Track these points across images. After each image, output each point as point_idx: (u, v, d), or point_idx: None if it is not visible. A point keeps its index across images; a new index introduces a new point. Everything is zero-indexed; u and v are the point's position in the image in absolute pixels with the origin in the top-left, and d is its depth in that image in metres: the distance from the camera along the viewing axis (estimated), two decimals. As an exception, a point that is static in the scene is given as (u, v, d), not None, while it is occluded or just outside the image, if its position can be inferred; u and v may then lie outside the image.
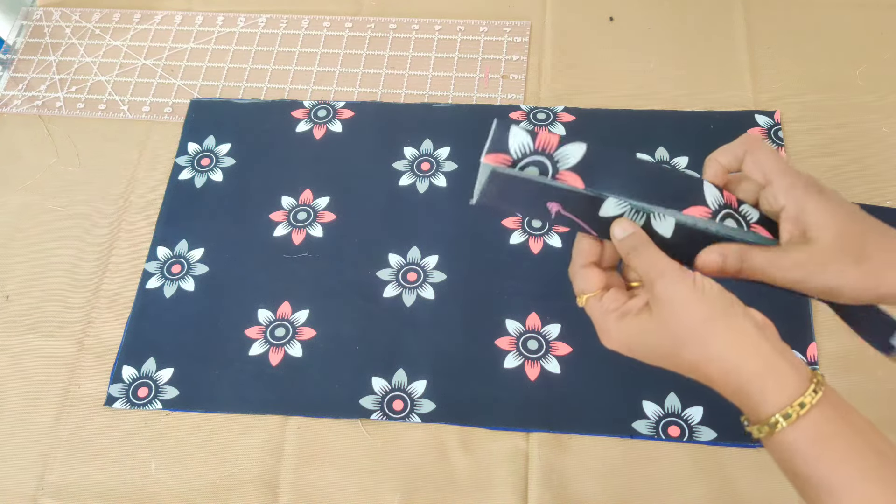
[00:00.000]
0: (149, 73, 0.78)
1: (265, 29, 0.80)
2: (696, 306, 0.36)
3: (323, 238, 0.66)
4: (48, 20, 0.83)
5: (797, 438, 0.34)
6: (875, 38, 0.73)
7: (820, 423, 0.34)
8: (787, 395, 0.35)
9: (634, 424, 0.56)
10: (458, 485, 0.56)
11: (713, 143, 0.67)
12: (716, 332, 0.36)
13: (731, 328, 0.36)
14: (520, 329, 0.61)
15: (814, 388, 0.35)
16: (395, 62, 0.77)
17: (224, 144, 0.72)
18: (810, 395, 0.34)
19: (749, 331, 0.36)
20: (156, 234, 0.68)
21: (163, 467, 0.58)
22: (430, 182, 0.68)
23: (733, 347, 0.36)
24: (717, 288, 0.37)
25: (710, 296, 0.36)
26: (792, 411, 0.34)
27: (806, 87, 0.71)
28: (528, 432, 0.57)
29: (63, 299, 0.65)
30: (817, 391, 0.35)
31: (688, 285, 0.36)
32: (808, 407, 0.34)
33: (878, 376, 0.57)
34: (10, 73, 0.79)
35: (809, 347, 0.58)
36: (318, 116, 0.73)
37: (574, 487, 0.55)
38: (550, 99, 0.73)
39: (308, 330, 0.62)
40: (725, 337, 0.36)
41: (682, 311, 0.36)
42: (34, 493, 0.58)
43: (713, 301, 0.36)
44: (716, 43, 0.75)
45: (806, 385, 0.35)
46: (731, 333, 0.36)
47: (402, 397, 0.59)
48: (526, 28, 0.77)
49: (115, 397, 0.61)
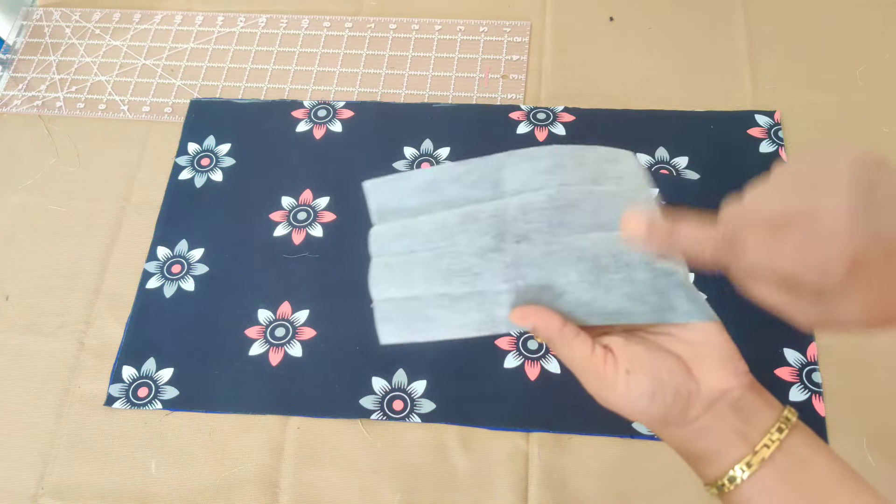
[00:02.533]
0: (149, 73, 0.78)
1: (265, 29, 0.80)
2: (626, 407, 0.36)
3: (323, 238, 0.66)
4: (48, 20, 0.83)
5: (743, 499, 0.35)
6: (875, 38, 0.73)
7: (754, 491, 0.34)
8: (726, 466, 0.35)
9: (634, 424, 0.56)
10: (458, 485, 0.56)
11: (713, 143, 0.68)
12: (653, 428, 0.37)
13: (663, 433, 0.37)
14: (520, 329, 0.61)
15: (747, 462, 0.34)
16: (395, 62, 0.77)
17: (224, 144, 0.72)
18: (741, 468, 0.34)
19: (676, 434, 0.36)
20: (156, 234, 0.68)
21: (163, 467, 0.58)
22: (430, 182, 0.68)
23: (673, 442, 0.37)
24: (644, 384, 0.35)
25: (637, 397, 0.35)
26: (723, 484, 0.35)
27: (806, 87, 0.71)
28: (528, 432, 0.57)
29: (63, 299, 0.66)
30: (750, 465, 0.34)
31: (613, 391, 0.35)
32: (741, 480, 0.34)
33: (878, 376, 0.57)
34: (10, 73, 0.79)
35: (809, 347, 0.58)
36: (318, 116, 0.73)
37: (574, 487, 0.55)
38: (550, 99, 0.73)
39: (308, 330, 0.62)
40: (664, 433, 0.37)
41: (618, 405, 0.36)
42: (34, 493, 0.58)
43: (640, 403, 0.35)
44: (716, 43, 0.75)
45: (748, 450, 0.35)
46: (664, 434, 0.37)
47: (402, 397, 0.59)
48: (526, 28, 0.77)
49: (115, 397, 0.61)
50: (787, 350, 0.58)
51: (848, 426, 0.55)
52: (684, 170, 0.67)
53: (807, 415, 0.56)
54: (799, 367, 0.58)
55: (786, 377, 0.57)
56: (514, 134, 0.70)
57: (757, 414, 0.35)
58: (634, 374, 0.35)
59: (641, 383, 0.35)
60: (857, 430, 0.55)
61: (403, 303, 0.38)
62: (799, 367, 0.58)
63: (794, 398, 0.56)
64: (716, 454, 0.35)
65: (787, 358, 0.58)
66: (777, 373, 0.58)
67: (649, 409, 0.35)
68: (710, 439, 0.35)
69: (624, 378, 0.35)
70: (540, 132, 0.70)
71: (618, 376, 0.35)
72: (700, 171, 0.67)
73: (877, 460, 0.54)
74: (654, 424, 0.37)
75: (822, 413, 0.56)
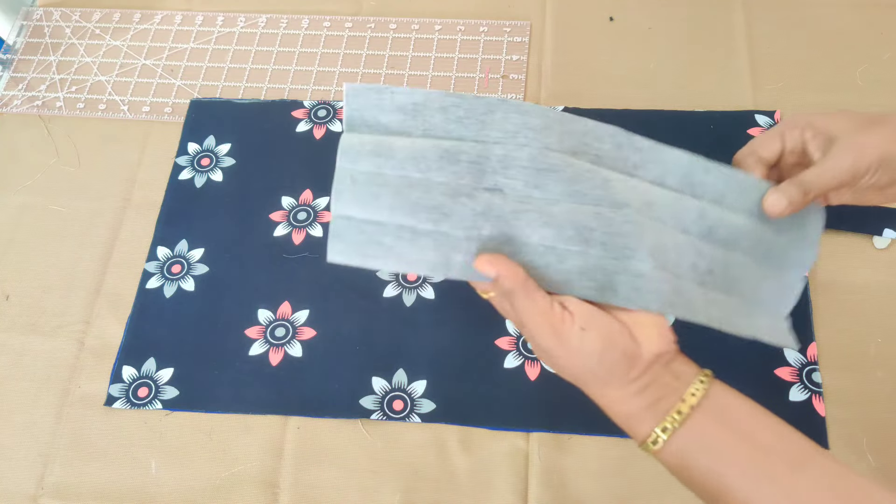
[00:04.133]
0: (149, 73, 0.78)
1: (265, 29, 0.80)
2: (577, 363, 0.39)
3: (323, 238, 0.66)
4: (48, 20, 0.83)
5: (678, 450, 0.38)
6: (875, 38, 0.73)
7: (689, 439, 0.38)
8: (660, 418, 0.39)
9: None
10: (458, 485, 0.56)
11: (713, 143, 0.68)
12: (593, 389, 0.41)
13: (604, 394, 0.40)
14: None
15: (677, 411, 0.38)
16: (395, 62, 0.77)
17: (224, 144, 0.72)
18: (673, 416, 0.38)
19: (616, 395, 0.40)
20: (156, 234, 0.68)
21: (163, 467, 0.58)
22: (430, 182, 0.68)
23: (609, 403, 0.41)
24: (595, 342, 0.38)
25: (588, 354, 0.39)
26: (657, 436, 0.38)
27: (806, 87, 0.71)
28: (528, 432, 0.57)
29: (63, 299, 0.66)
30: (681, 412, 0.38)
31: (567, 346, 0.38)
32: (671, 431, 0.38)
33: (878, 376, 0.57)
34: (10, 73, 0.79)
35: (809, 347, 0.58)
36: (318, 116, 0.73)
37: (574, 487, 0.55)
38: (550, 99, 0.73)
39: (308, 330, 0.62)
40: (601, 395, 0.41)
41: (567, 362, 0.40)
42: (34, 493, 0.58)
43: (590, 361, 0.39)
44: (716, 43, 0.75)
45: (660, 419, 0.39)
46: (605, 396, 0.40)
47: (402, 397, 0.59)
48: (526, 28, 0.77)
49: (115, 397, 0.61)
50: (787, 350, 0.58)
51: (848, 426, 0.55)
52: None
53: (807, 415, 0.56)
54: (799, 367, 0.58)
55: (786, 377, 0.57)
56: (514, 134, 0.70)
57: (685, 372, 0.40)
58: (588, 331, 0.38)
59: (594, 341, 0.38)
60: (857, 430, 0.55)
61: (362, 224, 0.37)
62: (799, 367, 0.58)
63: (794, 398, 0.56)
64: (651, 409, 0.39)
65: (787, 358, 0.58)
66: (777, 373, 0.58)
67: (597, 367, 0.38)
68: (645, 396, 0.39)
69: (578, 334, 0.38)
70: (540, 132, 0.70)
71: (572, 332, 0.38)
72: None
73: (877, 460, 0.54)
74: (596, 385, 0.40)
75: (822, 413, 0.56)
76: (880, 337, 0.59)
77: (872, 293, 0.60)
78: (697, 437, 0.38)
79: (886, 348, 0.58)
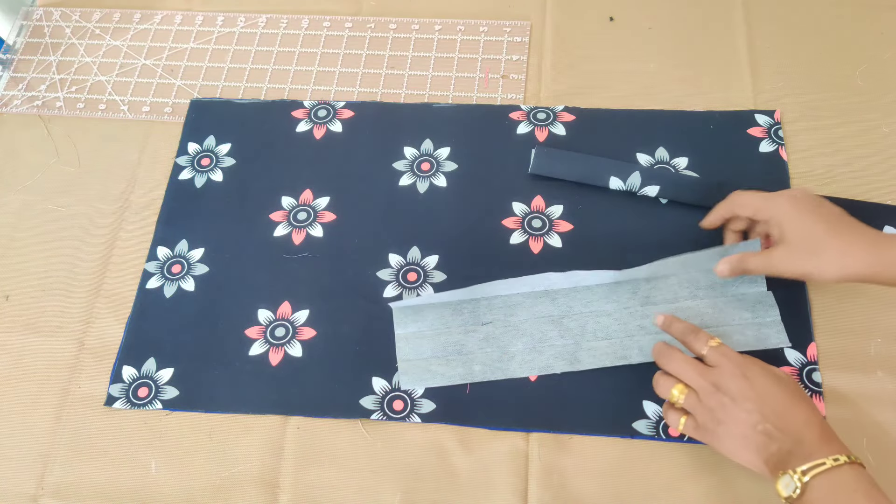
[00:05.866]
0: (149, 73, 0.78)
1: (265, 29, 0.80)
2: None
3: (323, 238, 0.66)
4: (48, 20, 0.83)
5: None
6: (875, 38, 0.73)
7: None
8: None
9: (634, 424, 0.56)
10: (458, 485, 0.56)
11: (713, 143, 0.68)
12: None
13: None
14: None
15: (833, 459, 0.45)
16: (395, 62, 0.77)
17: (224, 144, 0.72)
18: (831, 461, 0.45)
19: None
20: (156, 234, 0.68)
21: (163, 467, 0.58)
22: (430, 182, 0.68)
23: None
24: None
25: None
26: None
27: (806, 87, 0.71)
28: (528, 432, 0.57)
29: (63, 299, 0.66)
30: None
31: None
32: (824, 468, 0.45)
33: (878, 376, 0.57)
34: (10, 73, 0.79)
35: (809, 347, 0.58)
36: (318, 116, 0.73)
37: (574, 487, 0.55)
38: (550, 99, 0.73)
39: (308, 330, 0.62)
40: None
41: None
42: (34, 493, 0.58)
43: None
44: (716, 43, 0.75)
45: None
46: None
47: (402, 397, 0.59)
48: (526, 28, 0.77)
49: (115, 397, 0.61)
50: (787, 350, 0.58)
51: (848, 426, 0.55)
52: (684, 170, 0.67)
53: (807, 415, 0.56)
54: (799, 367, 0.58)
55: (786, 377, 0.57)
56: (515, 134, 0.70)
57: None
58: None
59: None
60: (857, 430, 0.55)
61: (416, 363, 0.59)
62: (799, 367, 0.58)
63: (794, 398, 0.56)
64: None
65: (787, 358, 0.58)
66: (777, 373, 0.58)
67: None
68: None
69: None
70: (540, 132, 0.70)
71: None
72: (700, 171, 0.67)
73: (877, 460, 0.54)
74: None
75: (823, 413, 0.56)
76: (880, 337, 0.59)
77: (872, 293, 0.60)
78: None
79: (886, 348, 0.58)
